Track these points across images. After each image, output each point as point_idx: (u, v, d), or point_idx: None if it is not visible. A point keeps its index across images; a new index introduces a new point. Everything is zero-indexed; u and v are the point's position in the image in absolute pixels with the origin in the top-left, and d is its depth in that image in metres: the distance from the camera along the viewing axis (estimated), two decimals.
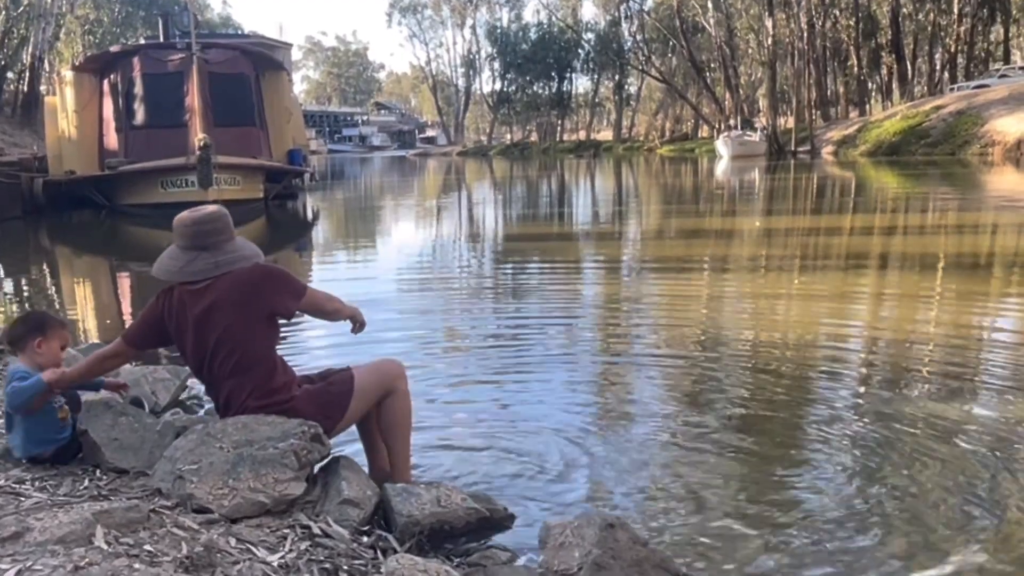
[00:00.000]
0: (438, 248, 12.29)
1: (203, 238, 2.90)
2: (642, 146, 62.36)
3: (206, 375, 2.92)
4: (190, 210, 3.00)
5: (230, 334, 2.83)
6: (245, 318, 2.85)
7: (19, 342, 3.06)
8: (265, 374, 2.89)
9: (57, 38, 41.73)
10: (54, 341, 3.05)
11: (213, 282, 2.87)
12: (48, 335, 3.04)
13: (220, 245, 2.91)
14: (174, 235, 2.95)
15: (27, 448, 2.97)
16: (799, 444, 3.67)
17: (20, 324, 3.13)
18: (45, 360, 3.02)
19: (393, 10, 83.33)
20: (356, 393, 2.98)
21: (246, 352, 2.85)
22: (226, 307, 2.84)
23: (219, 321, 2.83)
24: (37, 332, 3.03)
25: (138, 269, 10.32)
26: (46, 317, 3.16)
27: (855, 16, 47.03)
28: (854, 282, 7.96)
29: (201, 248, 2.90)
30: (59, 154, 19.41)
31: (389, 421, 3.07)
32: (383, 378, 3.05)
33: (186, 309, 2.88)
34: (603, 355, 5.40)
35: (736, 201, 19.36)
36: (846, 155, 37.19)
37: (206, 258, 2.88)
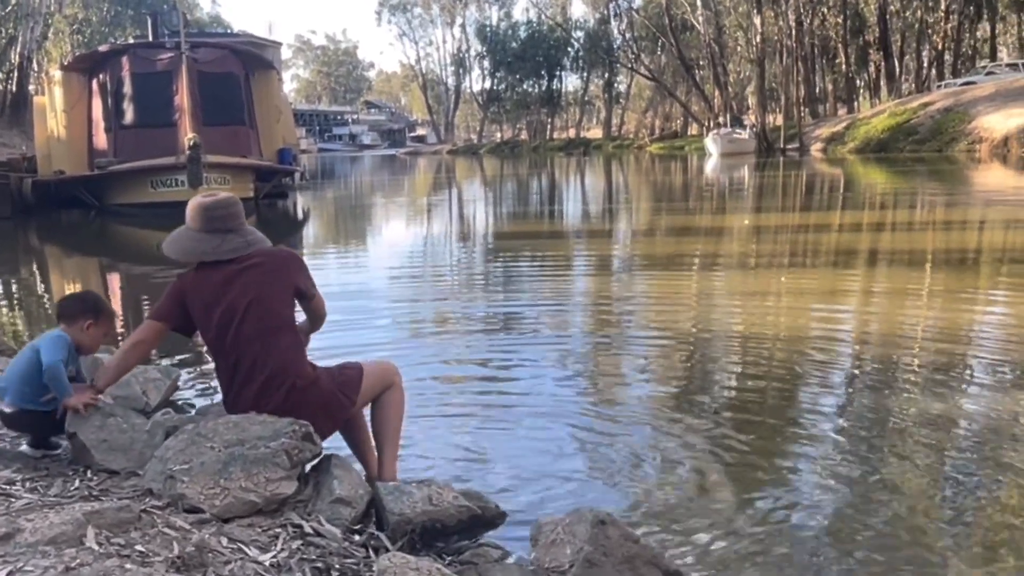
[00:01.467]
0: (428, 246, 12.29)
1: (229, 221, 3.07)
2: (632, 144, 62.45)
3: (230, 341, 2.97)
4: (205, 196, 3.15)
5: (263, 298, 2.99)
6: (276, 288, 3.03)
7: (70, 317, 3.12)
8: (293, 342, 3.04)
9: (46, 37, 41.53)
10: (102, 328, 3.15)
11: (242, 258, 3.04)
12: (99, 321, 3.14)
13: (242, 227, 3.11)
14: (195, 219, 3.07)
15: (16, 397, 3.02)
16: (790, 440, 3.70)
17: (78, 301, 3.19)
18: (88, 342, 3.13)
19: (383, 9, 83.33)
20: (365, 380, 3.12)
21: (278, 316, 3.01)
22: (260, 276, 3.02)
23: (252, 288, 2.99)
24: (91, 314, 3.11)
25: (128, 269, 10.29)
26: (102, 303, 3.22)
27: (843, 14, 47.22)
28: (843, 279, 8.01)
29: (227, 231, 3.06)
30: (48, 154, 19.31)
31: (386, 414, 3.16)
32: (385, 373, 3.21)
33: (212, 284, 3.01)
34: (594, 353, 5.42)
35: (725, 198, 19.43)
36: (835, 152, 37.34)
37: (234, 239, 3.06)
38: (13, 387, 3.03)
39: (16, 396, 3.02)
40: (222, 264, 3.02)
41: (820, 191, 20.52)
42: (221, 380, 3.09)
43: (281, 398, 2.95)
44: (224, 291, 2.98)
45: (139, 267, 9.91)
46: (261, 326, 2.96)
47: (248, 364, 2.96)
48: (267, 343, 2.97)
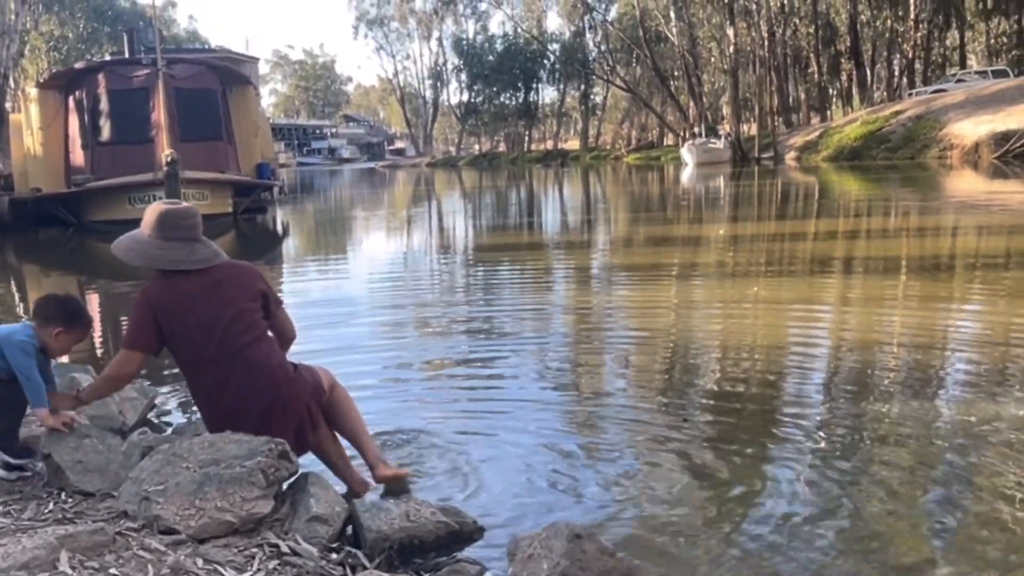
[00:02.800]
0: (408, 259, 12.28)
1: (194, 230, 3.11)
2: (609, 155, 62.69)
3: (212, 353, 2.98)
4: (169, 203, 3.18)
5: (244, 311, 3.03)
6: (252, 298, 3.09)
7: (44, 319, 3.08)
8: (274, 347, 3.13)
9: (22, 55, 41.12)
10: (71, 337, 3.10)
11: (211, 269, 3.07)
12: (72, 330, 3.09)
13: (202, 237, 3.14)
14: (158, 227, 3.06)
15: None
16: (769, 452, 3.71)
17: (55, 305, 3.13)
18: (55, 347, 3.10)
19: (359, 23, 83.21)
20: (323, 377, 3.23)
21: (259, 326, 3.08)
22: (238, 287, 3.07)
23: (235, 298, 3.04)
24: (63, 321, 3.07)
25: (106, 285, 10.20)
26: (80, 314, 3.17)
27: (814, 24, 47.78)
28: (819, 286, 8.08)
29: (194, 240, 3.09)
30: (25, 172, 19.21)
31: (346, 412, 3.28)
32: (325, 373, 3.31)
33: (182, 294, 3.02)
34: (572, 365, 5.43)
35: (702, 208, 19.56)
36: (809, 161, 37.68)
37: (203, 248, 3.10)
38: None
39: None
40: (190, 274, 3.02)
41: (795, 199, 20.71)
42: (203, 394, 3.07)
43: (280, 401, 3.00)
44: (198, 303, 2.98)
45: (117, 283, 9.80)
46: (247, 337, 2.99)
47: (241, 373, 2.97)
48: (255, 351, 3.00)
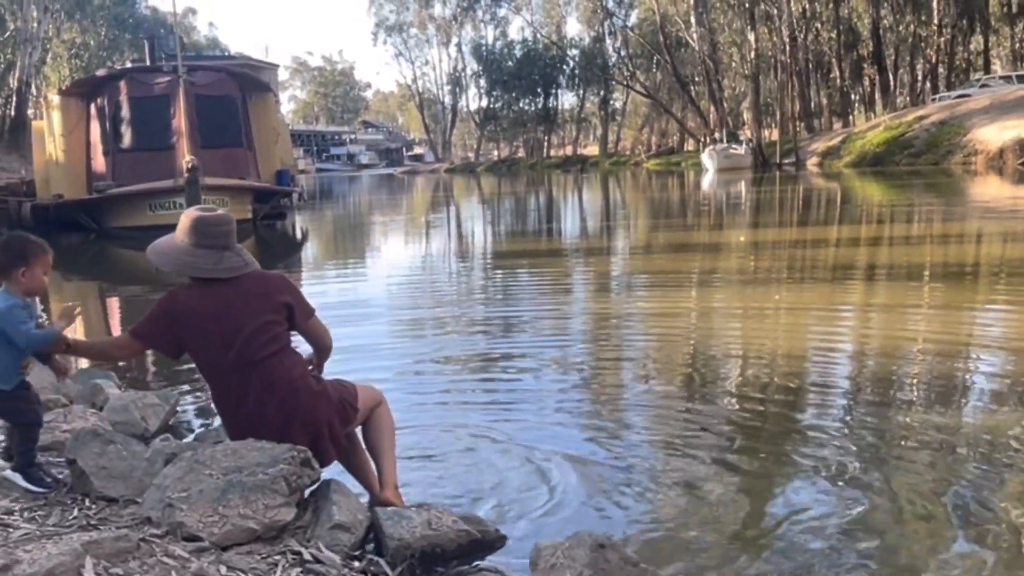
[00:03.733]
0: (427, 266, 12.30)
1: (227, 238, 3.05)
2: (628, 160, 62.63)
3: (233, 362, 2.95)
4: (204, 210, 3.14)
5: (268, 322, 2.99)
6: (275, 310, 3.03)
7: (3, 272, 2.98)
8: (297, 360, 3.08)
9: (44, 62, 41.71)
10: (37, 268, 2.98)
11: (239, 279, 3.03)
12: (31, 263, 2.97)
13: (235, 245, 3.09)
14: (191, 233, 3.03)
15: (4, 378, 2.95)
16: (791, 459, 3.68)
17: (2, 252, 3.00)
18: (30, 286, 2.99)
19: (379, 29, 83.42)
20: (360, 395, 3.16)
21: (282, 338, 3.03)
22: (262, 298, 3.02)
23: (258, 310, 2.99)
24: (20, 262, 2.96)
25: (127, 291, 10.28)
26: (27, 244, 3.03)
27: (836, 29, 47.51)
28: (842, 293, 8.01)
29: (224, 247, 3.04)
30: (47, 178, 19.35)
31: (380, 429, 3.21)
32: (373, 391, 3.27)
33: (208, 303, 2.99)
34: (593, 373, 5.41)
35: (723, 214, 19.46)
36: (830, 166, 37.45)
37: (232, 257, 3.04)
38: None
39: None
40: (218, 283, 3.00)
41: (817, 205, 20.57)
42: (223, 402, 3.05)
43: (298, 414, 2.96)
44: (223, 312, 2.96)
45: (138, 289, 9.90)
46: (267, 350, 2.96)
47: (260, 384, 2.95)
48: (275, 364, 2.97)
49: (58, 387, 4.30)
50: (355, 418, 3.15)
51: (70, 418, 3.73)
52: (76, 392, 4.31)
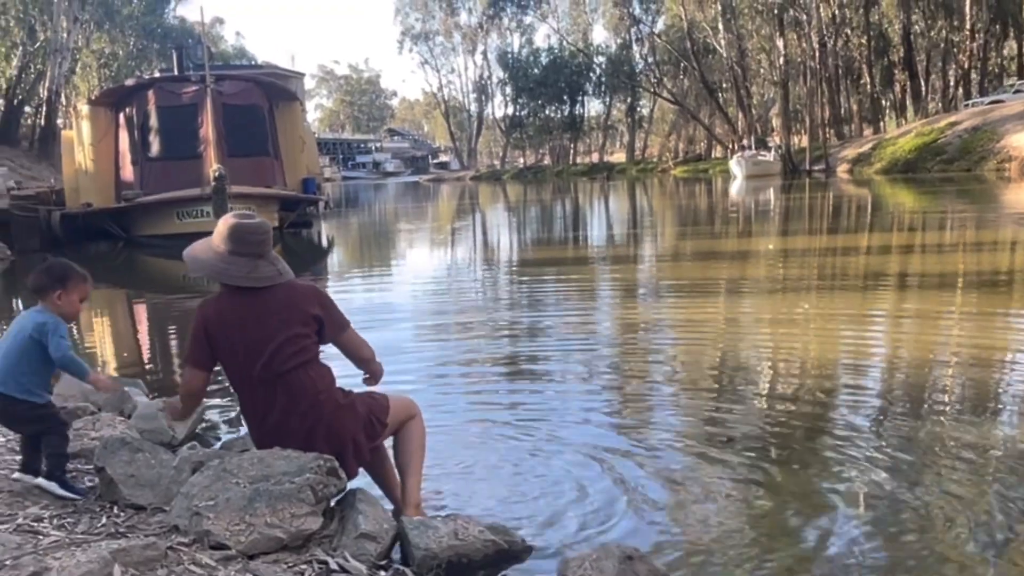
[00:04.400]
0: (453, 273, 12.30)
1: (262, 247, 3.03)
2: (656, 167, 62.42)
3: (260, 371, 2.94)
4: (241, 217, 3.10)
5: (297, 334, 2.96)
6: (304, 322, 3.00)
7: (41, 292, 3.10)
8: (322, 372, 3.04)
9: (73, 72, 42.29)
10: (73, 294, 3.11)
11: (272, 287, 3.00)
12: (68, 288, 3.10)
13: (270, 254, 3.06)
14: (228, 240, 2.99)
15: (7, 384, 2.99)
16: (820, 472, 3.62)
17: (44, 274, 3.14)
18: (64, 311, 3.10)
19: (405, 38, 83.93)
20: (392, 408, 3.13)
21: (309, 350, 3.01)
22: (291, 309, 2.99)
23: (288, 321, 2.96)
24: (58, 284, 3.08)
25: (154, 299, 10.37)
26: (67, 270, 3.17)
27: (867, 34, 47.09)
28: (873, 302, 7.89)
29: (259, 256, 3.01)
30: (76, 187, 19.55)
31: (409, 443, 3.17)
32: (407, 404, 3.23)
33: (237, 311, 2.97)
34: (620, 381, 5.37)
35: (751, 221, 19.31)
36: (861, 173, 37.08)
37: (266, 266, 3.01)
38: (11, 376, 3.00)
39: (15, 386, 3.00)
40: (249, 291, 2.98)
41: (847, 212, 20.35)
42: (249, 411, 3.05)
43: (322, 426, 2.95)
44: (251, 322, 2.94)
45: (166, 297, 10.00)
46: (293, 362, 2.94)
47: (284, 396, 2.94)
48: (300, 376, 2.95)
49: (87, 394, 4.34)
50: (382, 433, 3.13)
51: (99, 425, 3.76)
52: (104, 400, 4.34)
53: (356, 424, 3.01)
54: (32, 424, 3.08)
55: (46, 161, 34.89)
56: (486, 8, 77.46)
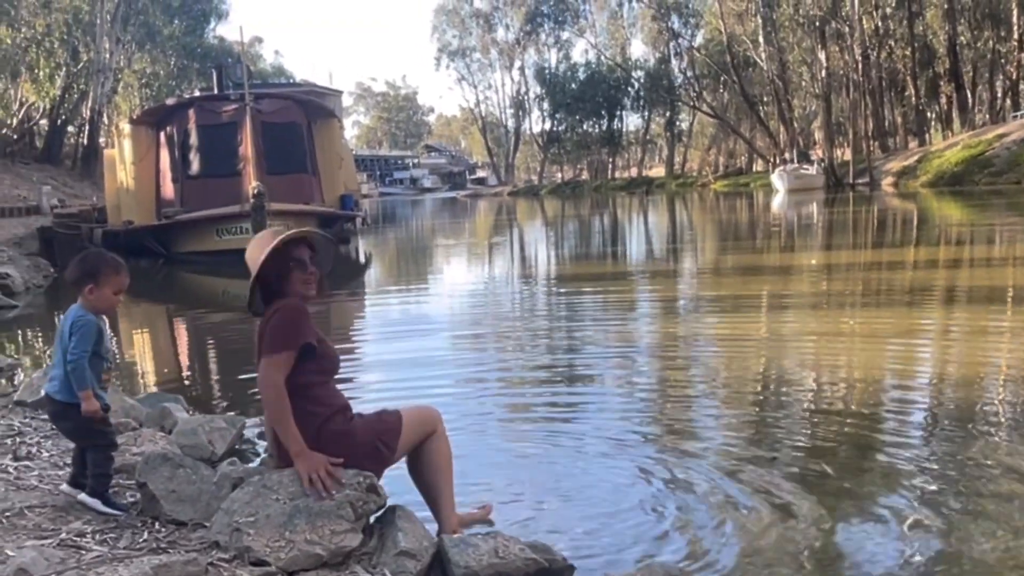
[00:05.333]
0: (491, 288, 12.28)
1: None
2: (695, 182, 62.02)
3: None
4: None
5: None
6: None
7: (75, 285, 3.04)
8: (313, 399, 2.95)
9: (115, 92, 43.11)
10: (106, 288, 3.01)
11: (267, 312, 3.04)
12: (100, 281, 3.00)
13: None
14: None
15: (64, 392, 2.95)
16: (866, 493, 3.51)
17: (77, 266, 3.06)
18: (96, 306, 3.02)
19: (442, 54, 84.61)
20: (405, 428, 3.02)
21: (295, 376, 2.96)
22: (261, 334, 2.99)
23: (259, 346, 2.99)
24: (89, 278, 3.00)
25: (193, 314, 10.48)
26: (100, 263, 3.07)
27: (911, 46, 46.35)
28: (919, 318, 7.71)
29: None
30: (118, 204, 19.86)
31: (433, 462, 3.08)
32: (424, 419, 3.10)
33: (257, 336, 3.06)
34: (663, 397, 5.29)
35: (794, 236, 19.05)
36: (906, 186, 36.48)
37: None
38: (62, 378, 2.98)
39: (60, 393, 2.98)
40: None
41: (892, 226, 19.99)
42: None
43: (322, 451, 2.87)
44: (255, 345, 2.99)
45: (205, 313, 10.11)
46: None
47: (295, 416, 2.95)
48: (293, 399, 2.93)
49: (128, 410, 4.38)
50: (391, 457, 3.02)
51: (140, 441, 3.79)
52: (146, 415, 4.38)
53: (356, 450, 2.88)
54: (79, 434, 3.05)
55: (88, 180, 35.72)
56: (523, 24, 77.94)
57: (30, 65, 36.51)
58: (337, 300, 11.39)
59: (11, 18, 33.46)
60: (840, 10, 44.91)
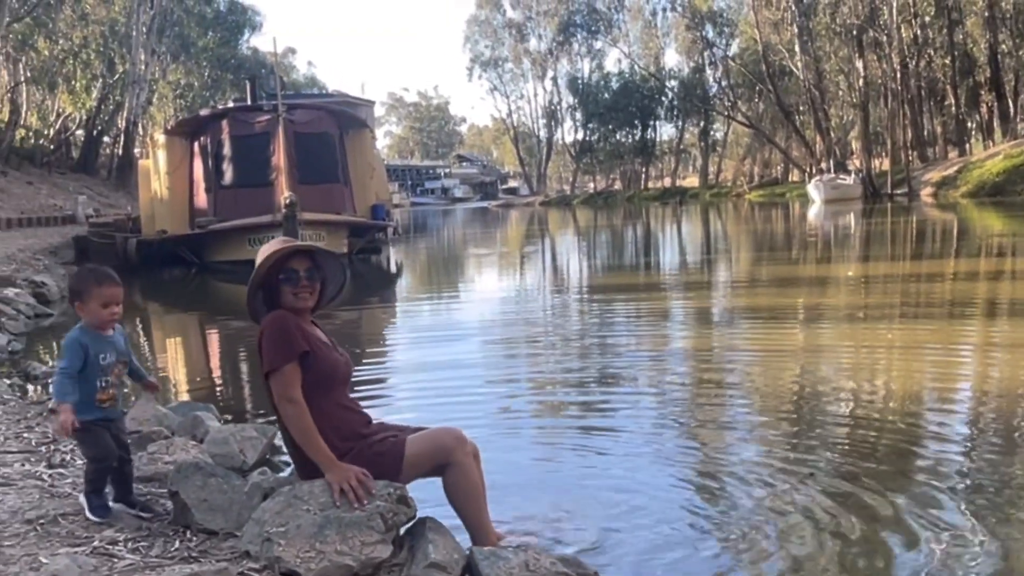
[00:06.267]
0: (522, 298, 12.25)
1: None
2: (730, 192, 61.53)
3: None
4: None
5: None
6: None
7: (72, 305, 3.06)
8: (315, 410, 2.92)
9: (150, 103, 43.88)
10: (91, 303, 2.97)
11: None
12: (84, 298, 2.98)
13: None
14: None
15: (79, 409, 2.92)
16: (906, 511, 3.42)
17: (72, 280, 3.13)
18: (90, 322, 2.99)
19: (474, 65, 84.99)
20: (405, 464, 2.87)
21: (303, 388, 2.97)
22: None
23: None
24: (75, 296, 3.02)
25: (226, 324, 10.55)
26: (81, 280, 3.05)
27: (951, 55, 45.64)
28: (959, 332, 7.53)
29: None
30: (152, 214, 20.04)
31: (451, 495, 2.94)
32: (436, 451, 2.89)
33: None
34: (696, 409, 5.22)
35: (831, 247, 18.79)
36: (946, 197, 35.88)
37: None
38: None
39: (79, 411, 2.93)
40: None
41: (932, 238, 19.65)
42: None
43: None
44: None
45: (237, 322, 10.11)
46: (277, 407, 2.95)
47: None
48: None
49: (160, 418, 4.41)
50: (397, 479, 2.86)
51: (172, 450, 3.81)
52: (178, 424, 4.41)
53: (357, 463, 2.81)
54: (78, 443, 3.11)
55: (123, 189, 36.32)
56: (556, 34, 78.10)
57: (67, 76, 37.31)
58: (368, 308, 11.44)
59: (49, 30, 34.20)
60: (878, 19, 44.37)
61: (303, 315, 2.98)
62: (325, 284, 3.06)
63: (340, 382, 2.98)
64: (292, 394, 2.79)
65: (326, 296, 3.11)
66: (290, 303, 2.93)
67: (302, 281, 2.94)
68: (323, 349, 2.94)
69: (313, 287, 2.98)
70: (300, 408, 2.78)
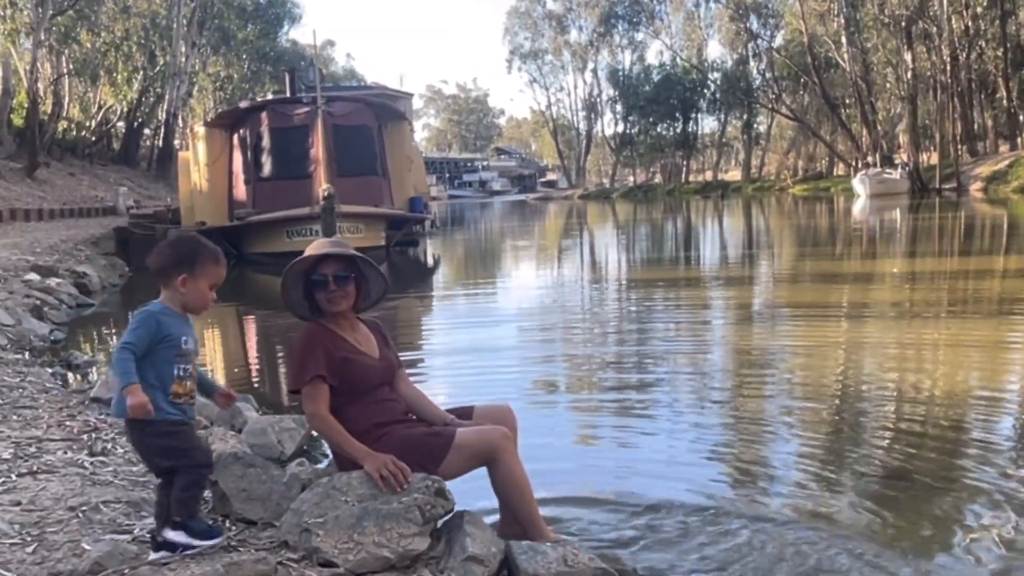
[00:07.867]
0: (559, 291, 12.19)
1: None
2: (773, 186, 60.75)
3: None
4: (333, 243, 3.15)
5: None
6: None
7: (163, 275, 2.56)
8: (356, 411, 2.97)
9: (190, 95, 44.50)
10: (201, 280, 2.55)
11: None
12: (196, 272, 2.54)
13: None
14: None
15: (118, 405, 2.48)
16: (952, 512, 3.34)
17: (167, 252, 2.57)
18: (186, 302, 2.56)
19: (513, 57, 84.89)
20: (452, 453, 2.86)
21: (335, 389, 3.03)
22: None
23: None
24: (185, 266, 2.53)
25: (264, 316, 10.65)
26: (199, 248, 2.60)
27: (1003, 46, 44.49)
28: (1009, 329, 7.33)
29: None
30: (191, 206, 20.24)
31: (497, 490, 2.95)
32: (484, 447, 2.87)
33: None
34: (736, 406, 5.16)
35: (876, 243, 18.44)
36: (996, 192, 35.06)
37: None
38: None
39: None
40: None
41: (981, 234, 19.19)
42: None
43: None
44: None
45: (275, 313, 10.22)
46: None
47: None
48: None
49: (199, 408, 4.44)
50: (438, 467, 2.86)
51: (211, 439, 3.84)
52: (216, 414, 4.45)
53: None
54: (145, 452, 2.64)
55: (163, 181, 36.94)
56: (597, 26, 77.68)
57: (109, 69, 37.95)
58: (406, 298, 11.49)
59: (91, 23, 34.80)
60: (927, 10, 43.45)
61: (340, 318, 3.02)
62: (362, 283, 3.07)
63: (375, 386, 3.00)
64: (314, 409, 2.88)
65: (367, 295, 3.13)
66: (325, 307, 3.01)
67: (330, 286, 2.97)
68: (355, 358, 2.95)
69: (345, 290, 2.99)
70: (324, 422, 2.87)
